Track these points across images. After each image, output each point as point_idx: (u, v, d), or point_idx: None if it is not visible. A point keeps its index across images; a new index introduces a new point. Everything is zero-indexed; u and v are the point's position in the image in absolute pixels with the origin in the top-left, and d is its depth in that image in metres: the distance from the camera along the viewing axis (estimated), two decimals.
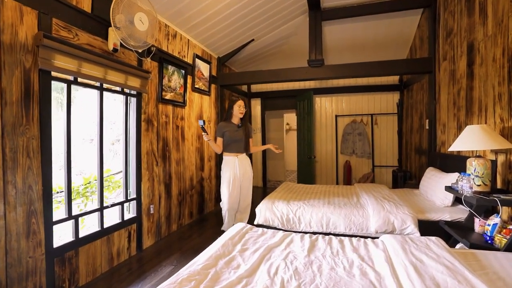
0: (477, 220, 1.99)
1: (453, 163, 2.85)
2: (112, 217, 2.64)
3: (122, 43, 2.36)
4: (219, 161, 4.44)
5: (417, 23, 4.23)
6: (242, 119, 3.13)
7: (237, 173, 3.03)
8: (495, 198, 1.80)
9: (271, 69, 4.22)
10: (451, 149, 2.13)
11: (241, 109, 3.05)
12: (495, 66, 2.19)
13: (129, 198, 2.75)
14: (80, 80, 2.17)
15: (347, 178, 5.55)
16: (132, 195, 2.79)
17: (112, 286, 2.19)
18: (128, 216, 2.71)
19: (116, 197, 3.13)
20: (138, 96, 2.79)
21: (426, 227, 2.43)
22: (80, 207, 2.80)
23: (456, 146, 2.09)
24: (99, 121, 2.39)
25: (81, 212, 2.27)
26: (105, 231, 2.40)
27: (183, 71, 3.49)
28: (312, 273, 1.41)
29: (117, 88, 2.58)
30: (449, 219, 2.42)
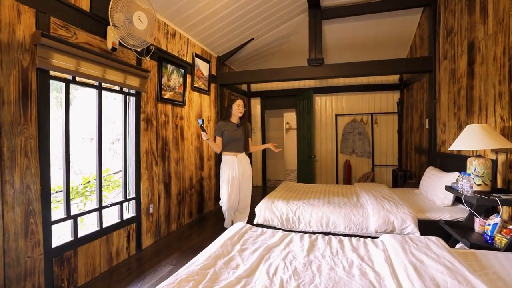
0: (477, 219, 1.98)
1: (453, 162, 2.84)
2: (111, 217, 2.63)
3: (121, 42, 2.35)
4: (218, 160, 4.43)
5: (418, 22, 4.22)
6: (242, 118, 3.12)
7: (236, 172, 3.02)
8: (495, 198, 1.80)
9: (271, 68, 4.21)
10: (451, 148, 2.13)
11: (240, 108, 3.04)
12: (496, 65, 2.18)
13: (128, 197, 2.75)
14: (78, 79, 2.16)
15: (347, 177, 5.54)
16: (131, 195, 2.78)
17: (111, 286, 2.19)
18: (127, 216, 2.71)
19: (115, 196, 3.12)
20: (137, 95, 2.78)
21: (426, 226, 2.42)
22: (80, 207, 2.79)
23: (456, 146, 2.08)
24: (97, 120, 2.38)
25: (80, 211, 2.26)
26: (104, 231, 2.40)
27: (182, 70, 3.48)
28: (312, 273, 1.41)
29: (116, 87, 2.57)
30: (449, 219, 2.41)
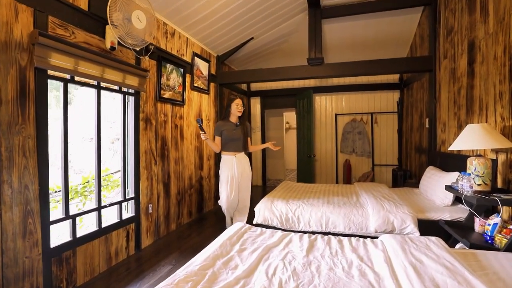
0: (477, 219, 1.97)
1: (453, 162, 2.84)
2: (111, 217, 2.62)
3: (120, 42, 2.34)
4: (218, 160, 4.41)
5: (418, 21, 4.21)
6: (241, 118, 3.11)
7: (235, 172, 3.01)
8: (495, 198, 1.79)
9: (271, 67, 4.20)
10: (452, 148, 2.12)
11: (239, 108, 3.03)
12: (496, 64, 2.17)
13: (127, 197, 2.74)
14: (77, 78, 2.15)
15: (346, 177, 5.53)
16: (131, 195, 2.77)
17: (110, 286, 2.18)
18: (126, 216, 2.70)
19: (115, 196, 3.11)
20: (136, 94, 2.77)
21: (426, 226, 2.41)
22: (79, 207, 2.79)
23: (456, 145, 2.07)
24: (96, 120, 2.38)
25: (79, 211, 2.25)
26: (103, 231, 2.39)
27: (181, 70, 3.47)
28: (311, 274, 1.40)
29: (115, 87, 2.56)
30: (449, 219, 2.41)
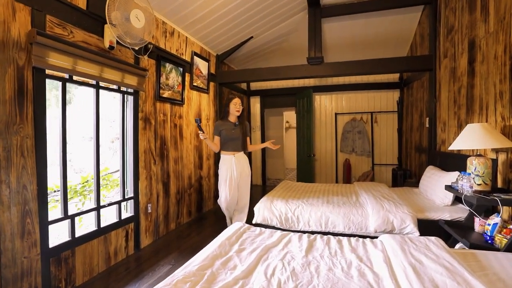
0: (477, 219, 1.97)
1: (453, 161, 2.83)
2: (110, 216, 2.62)
3: (119, 41, 2.33)
4: (217, 159, 4.40)
5: (418, 20, 4.19)
6: (240, 117, 3.10)
7: (234, 171, 3.00)
8: (495, 198, 1.78)
9: (271, 66, 4.19)
10: (452, 147, 2.11)
11: (237, 107, 3.02)
12: (497, 64, 2.15)
13: (126, 197, 2.73)
14: (75, 78, 2.14)
15: (346, 176, 5.53)
16: (130, 194, 2.77)
17: (109, 286, 2.18)
18: (125, 215, 2.70)
19: (114, 195, 3.11)
20: (135, 94, 2.76)
21: (425, 226, 2.41)
22: (78, 206, 2.78)
23: (456, 145, 2.06)
24: (95, 119, 2.37)
25: (78, 211, 2.25)
26: (102, 231, 2.39)
27: (181, 69, 3.46)
28: (310, 274, 1.39)
29: (113, 86, 2.55)
30: (449, 219, 2.40)
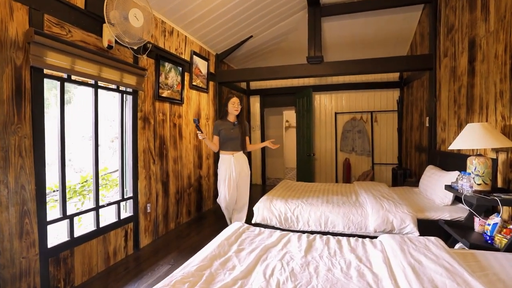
0: (477, 219, 1.96)
1: (453, 161, 2.82)
2: (109, 216, 2.61)
3: (117, 40, 2.32)
4: (217, 159, 4.39)
5: (418, 19, 4.18)
6: (238, 117, 3.09)
7: (233, 171, 3.00)
8: (495, 198, 1.77)
9: (270, 66, 4.18)
10: (452, 147, 2.10)
11: (235, 106, 3.01)
12: (497, 63, 2.14)
13: (125, 197, 2.73)
14: (74, 77, 2.14)
15: (346, 175, 5.52)
16: (129, 194, 2.76)
17: (108, 286, 2.17)
18: (124, 215, 2.69)
19: (113, 195, 3.10)
20: (134, 93, 2.75)
21: (425, 226, 2.40)
22: (77, 206, 2.77)
23: (456, 144, 2.05)
24: (94, 119, 2.36)
25: (77, 211, 2.24)
26: (101, 230, 2.38)
27: (180, 68, 3.45)
28: (309, 275, 1.39)
29: (112, 86, 2.54)
30: (448, 218, 2.39)
